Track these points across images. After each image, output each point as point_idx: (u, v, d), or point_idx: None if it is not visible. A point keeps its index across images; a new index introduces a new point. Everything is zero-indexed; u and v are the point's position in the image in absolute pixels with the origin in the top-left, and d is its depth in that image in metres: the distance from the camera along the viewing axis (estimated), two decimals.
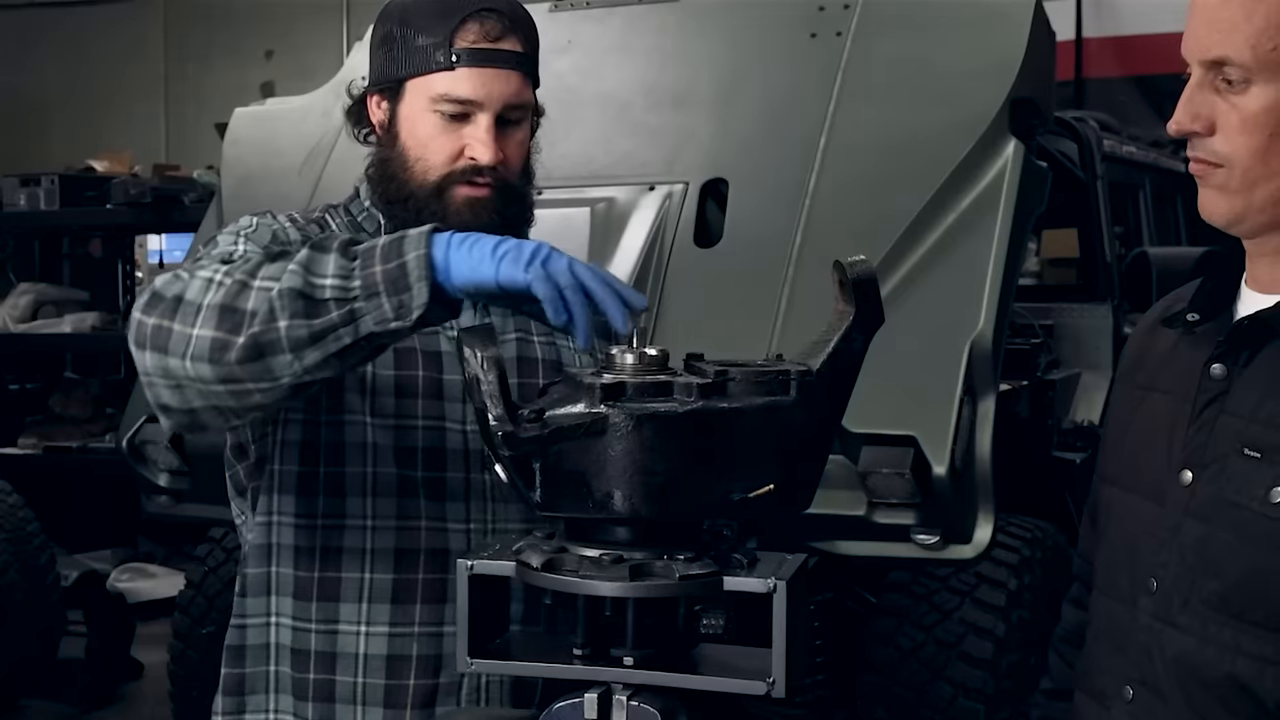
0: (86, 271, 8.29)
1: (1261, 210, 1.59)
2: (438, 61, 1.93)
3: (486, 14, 1.94)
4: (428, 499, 1.95)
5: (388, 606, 1.94)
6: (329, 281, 1.61)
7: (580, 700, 1.44)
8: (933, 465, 3.40)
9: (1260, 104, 1.56)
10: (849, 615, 4.19)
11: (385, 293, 1.60)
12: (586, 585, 1.42)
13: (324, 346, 1.62)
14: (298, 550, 1.96)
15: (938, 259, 3.66)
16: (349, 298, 1.60)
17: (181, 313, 1.65)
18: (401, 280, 1.59)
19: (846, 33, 4.06)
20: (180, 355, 1.65)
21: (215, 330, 1.63)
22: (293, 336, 1.61)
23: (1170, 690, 1.61)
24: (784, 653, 1.41)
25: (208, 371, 1.64)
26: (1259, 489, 1.55)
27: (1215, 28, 1.57)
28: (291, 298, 1.60)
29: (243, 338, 1.62)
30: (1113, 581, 1.74)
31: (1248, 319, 1.63)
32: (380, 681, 1.94)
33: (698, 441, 1.42)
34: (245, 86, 11.24)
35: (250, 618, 1.99)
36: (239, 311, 1.62)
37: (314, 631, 1.95)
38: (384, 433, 1.93)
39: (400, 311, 1.60)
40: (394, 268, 1.60)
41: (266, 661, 1.98)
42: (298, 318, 1.60)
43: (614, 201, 4.06)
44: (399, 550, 1.95)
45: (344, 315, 1.61)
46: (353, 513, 1.94)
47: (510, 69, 1.95)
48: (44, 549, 5.89)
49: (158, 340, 1.67)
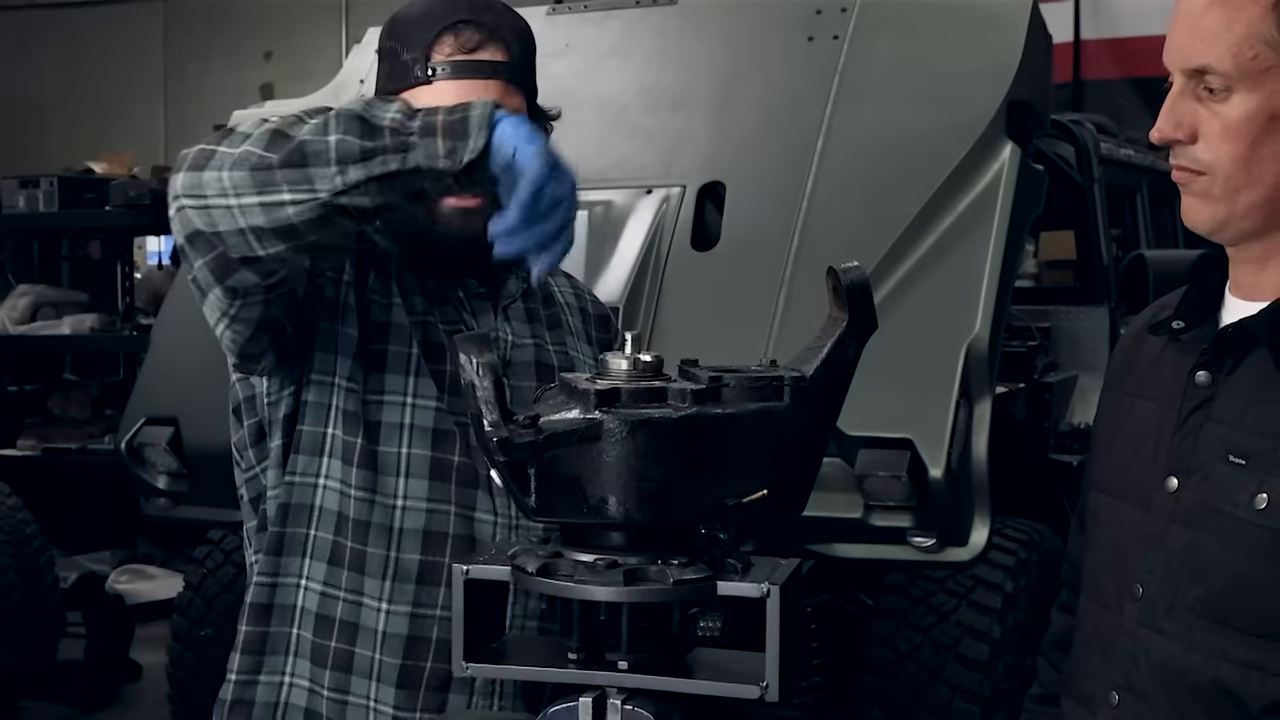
0: (85, 273, 8.29)
1: (1244, 217, 1.60)
2: (416, 76, 1.93)
3: (464, 25, 1.93)
4: (459, 486, 1.95)
5: (412, 587, 1.93)
6: (390, 115, 1.63)
7: (575, 704, 1.45)
8: (929, 468, 3.41)
9: (1241, 112, 1.56)
10: (846, 617, 4.20)
11: (442, 135, 1.61)
12: (581, 590, 1.43)
13: (369, 167, 1.61)
14: (340, 517, 1.94)
15: (934, 262, 3.67)
16: (406, 131, 1.62)
17: (229, 139, 1.67)
18: (461, 126, 1.61)
19: (843, 36, 4.08)
20: (219, 167, 1.66)
21: (259, 148, 1.64)
22: (342, 150, 1.61)
23: (1155, 696, 1.62)
24: (777, 657, 1.42)
25: (243, 178, 1.64)
26: (1243, 495, 1.55)
27: (1197, 36, 1.58)
28: (348, 119, 1.62)
29: (288, 147, 1.62)
30: (1099, 587, 1.74)
31: (1232, 327, 1.64)
32: (397, 661, 1.93)
33: (691, 447, 1.43)
34: (244, 88, 11.26)
35: (282, 577, 1.97)
36: (288, 138, 1.64)
37: (341, 600, 1.94)
38: (424, 415, 1.93)
39: (452, 153, 1.60)
40: (457, 118, 1.62)
41: (291, 624, 1.96)
42: (351, 134, 1.61)
43: (611, 205, 4.07)
44: (427, 532, 1.94)
45: (397, 143, 1.61)
46: (384, 490, 1.93)
47: (489, 79, 1.94)
48: (43, 550, 5.89)
49: (199, 160, 1.68)
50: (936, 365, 3.49)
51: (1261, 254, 1.64)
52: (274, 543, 1.97)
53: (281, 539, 1.97)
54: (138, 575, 7.14)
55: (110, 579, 6.88)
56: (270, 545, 1.97)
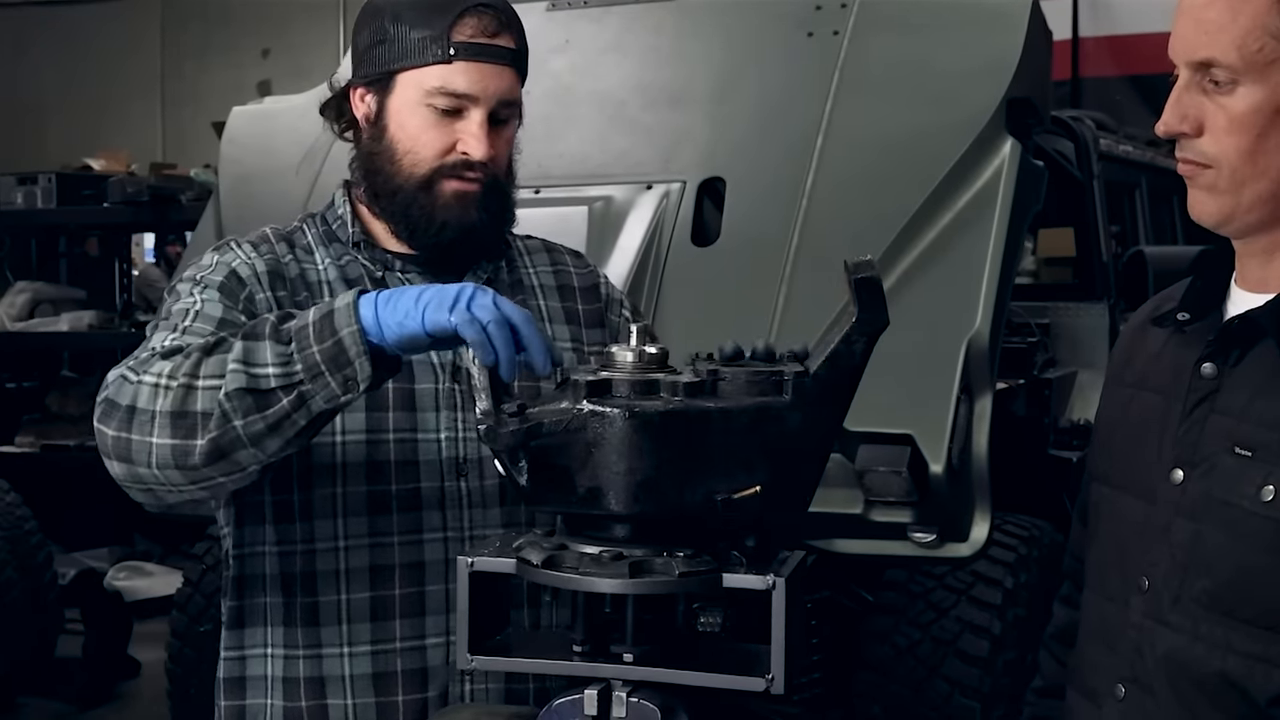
0: (83, 270, 8.31)
1: (1250, 210, 1.60)
2: (434, 54, 1.93)
3: (483, 9, 1.95)
4: (401, 512, 1.94)
5: (368, 625, 1.93)
6: (270, 370, 1.66)
7: (580, 696, 1.45)
8: (929, 464, 3.40)
9: (1247, 104, 1.57)
10: (845, 613, 4.20)
11: (328, 370, 1.65)
12: (586, 582, 1.43)
13: (282, 433, 1.67)
14: (284, 578, 1.95)
15: (934, 258, 3.67)
16: (294, 382, 1.65)
17: (137, 422, 1.70)
18: (341, 356, 1.64)
19: (843, 32, 4.07)
20: (146, 464, 1.70)
21: (172, 438, 1.68)
22: (250, 433, 1.66)
23: (1161, 688, 1.62)
24: (783, 650, 1.42)
25: (177, 476, 1.70)
26: (1250, 487, 1.55)
27: (1202, 29, 1.58)
28: (240, 397, 1.65)
29: (201, 441, 1.67)
30: (1104, 580, 1.74)
31: (1238, 318, 1.64)
32: (370, 700, 1.93)
33: (677, 440, 1.43)
34: (242, 85, 11.25)
35: (249, 649, 1.98)
36: (190, 415, 1.67)
37: (301, 658, 1.94)
38: (355, 449, 1.93)
39: (348, 386, 1.66)
40: (331, 345, 1.65)
41: (265, 694, 1.97)
42: (251, 414, 1.66)
43: (611, 200, 4.06)
44: (374, 567, 1.94)
45: (294, 401, 1.66)
46: (324, 535, 1.93)
47: (505, 65, 1.96)
48: (41, 547, 5.88)
49: (120, 451, 1.72)
50: (937, 361, 3.48)
51: (1268, 246, 1.64)
52: (234, 615, 1.99)
53: (240, 611, 1.98)
54: (136, 572, 7.15)
55: (109, 575, 6.88)
56: (230, 617, 1.99)
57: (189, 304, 1.90)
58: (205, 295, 1.91)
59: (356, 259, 2.03)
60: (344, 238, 2.04)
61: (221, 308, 1.89)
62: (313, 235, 2.05)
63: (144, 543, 7.69)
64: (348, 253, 2.03)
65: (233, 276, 1.94)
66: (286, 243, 2.03)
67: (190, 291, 1.92)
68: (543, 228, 2.10)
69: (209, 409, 1.66)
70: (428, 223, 1.97)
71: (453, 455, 1.96)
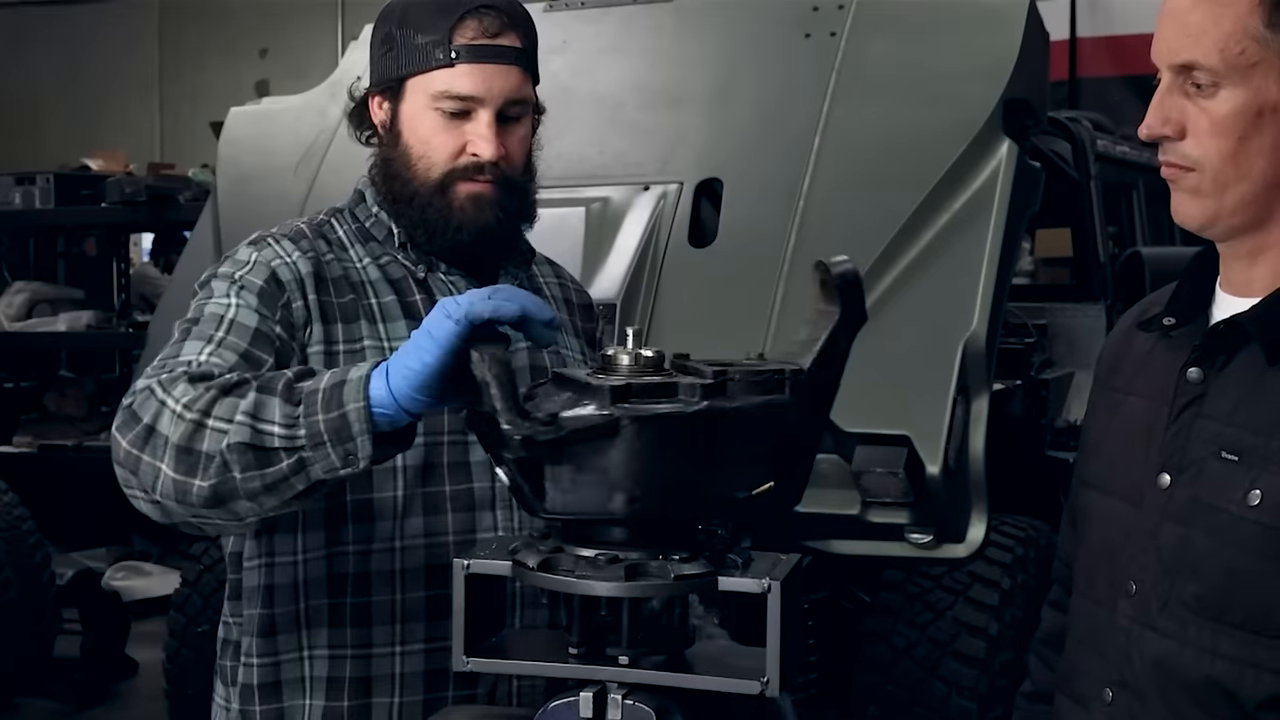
0: (81, 270, 8.30)
1: (1233, 213, 1.60)
2: (437, 59, 1.93)
3: (485, 10, 1.94)
4: (455, 512, 1.95)
5: (422, 624, 1.93)
6: (276, 430, 1.63)
7: (575, 699, 1.45)
8: (926, 464, 3.41)
9: (1229, 107, 1.56)
10: (842, 614, 4.20)
11: (330, 442, 1.62)
12: (582, 585, 1.43)
13: (279, 493, 1.65)
14: (331, 580, 1.93)
15: (931, 259, 3.67)
16: (295, 446, 1.63)
17: (151, 444, 1.68)
18: (344, 431, 1.61)
19: (841, 33, 4.08)
20: (151, 488, 1.69)
21: (175, 472, 1.66)
22: (247, 488, 1.65)
23: (1150, 693, 1.62)
24: (778, 652, 1.42)
25: (177, 508, 1.69)
26: (1236, 492, 1.55)
27: (1184, 32, 1.58)
28: (241, 451, 1.63)
29: (202, 482, 1.65)
30: (1092, 584, 1.74)
31: (1223, 323, 1.64)
32: (419, 698, 1.93)
33: (704, 441, 1.43)
34: (240, 85, 11.27)
35: (284, 654, 1.96)
36: (195, 453, 1.65)
37: (349, 658, 1.93)
38: (413, 454, 1.90)
39: (348, 460, 1.63)
40: (336, 417, 1.61)
41: (304, 695, 1.95)
42: (250, 470, 1.64)
43: (609, 201, 4.07)
44: (429, 567, 1.93)
45: (293, 465, 1.63)
46: (381, 536, 1.93)
47: (510, 64, 1.95)
48: (39, 547, 5.88)
49: (131, 465, 1.70)
50: (934, 362, 3.49)
51: (1252, 249, 1.63)
52: (264, 623, 1.96)
53: (272, 619, 1.96)
54: (134, 572, 7.15)
55: (106, 575, 6.88)
56: (260, 626, 1.96)
57: (223, 307, 1.87)
58: (241, 300, 1.88)
59: (396, 259, 2.01)
60: (379, 236, 2.03)
61: (257, 317, 1.86)
62: (344, 231, 2.03)
63: (142, 543, 7.69)
64: (386, 252, 2.02)
65: (272, 280, 1.91)
66: (323, 239, 2.00)
67: (226, 292, 1.89)
68: (540, 229, 2.09)
69: (213, 452, 1.64)
70: (444, 225, 1.96)
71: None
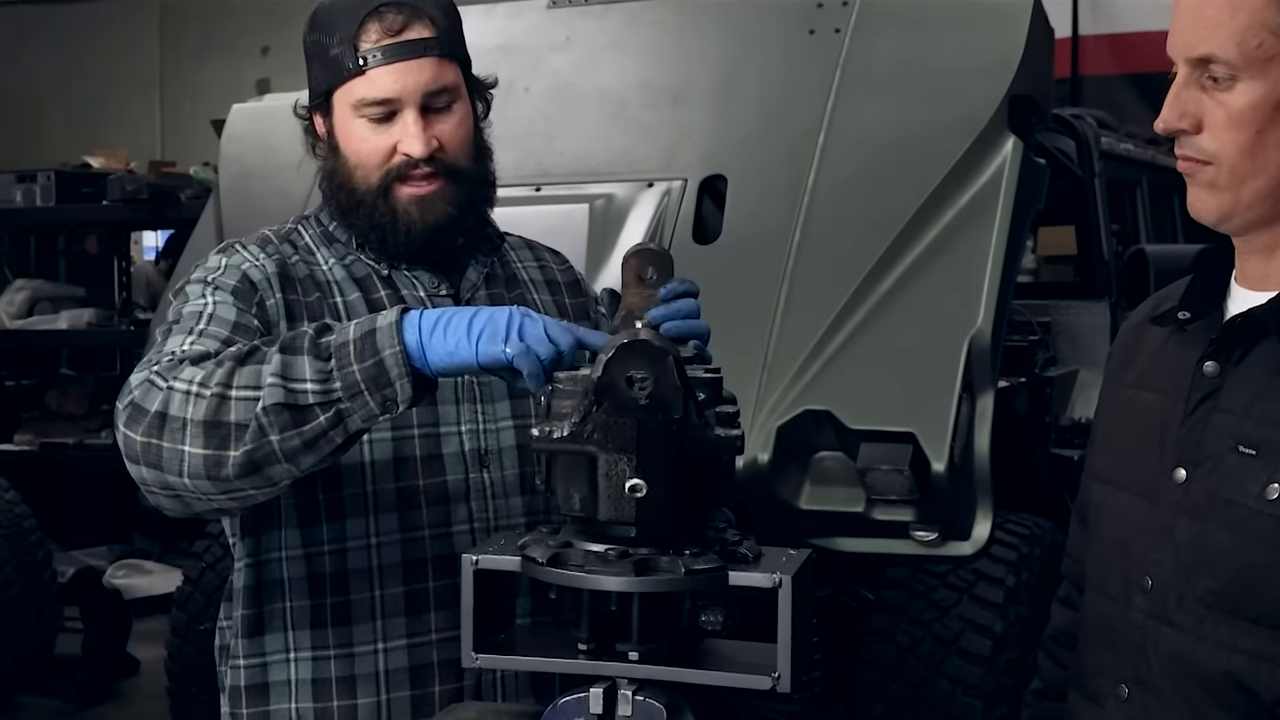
0: (82, 268, 8.29)
1: (1250, 207, 1.59)
2: (348, 68, 1.92)
3: (386, 8, 1.92)
4: (429, 506, 1.95)
5: (403, 620, 1.93)
6: (309, 386, 1.64)
7: (585, 695, 1.44)
8: (931, 462, 3.40)
9: (1246, 100, 1.56)
10: (847, 612, 4.19)
11: (368, 390, 1.64)
12: (592, 580, 1.43)
13: (318, 450, 1.66)
14: (310, 580, 1.94)
15: (936, 256, 3.66)
16: (332, 400, 1.64)
17: (169, 429, 1.67)
18: (382, 377, 1.63)
19: (845, 29, 4.07)
20: (177, 472, 1.68)
21: (205, 448, 1.65)
22: (286, 448, 1.65)
23: (1166, 688, 1.61)
24: (789, 647, 1.41)
25: (208, 486, 1.68)
26: (1254, 486, 1.55)
27: (1200, 25, 1.57)
28: (277, 412, 1.63)
29: (236, 452, 1.65)
30: (1106, 581, 1.73)
31: (1240, 316, 1.63)
32: (405, 694, 1.93)
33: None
34: (241, 83, 11.23)
35: (270, 655, 1.96)
36: (224, 425, 1.65)
37: (332, 658, 1.93)
38: (381, 447, 1.93)
39: (386, 406, 1.65)
40: (372, 365, 1.63)
41: (290, 699, 1.95)
42: (288, 429, 1.64)
43: (613, 198, 4.06)
44: (406, 562, 1.94)
45: (331, 418, 1.64)
46: (355, 533, 1.93)
47: (421, 56, 1.92)
48: (40, 545, 5.87)
49: (150, 457, 1.69)
50: (939, 359, 3.48)
51: (1268, 243, 1.63)
52: (249, 624, 1.97)
53: (258, 619, 1.96)
54: (135, 570, 7.14)
55: (108, 574, 6.87)
56: (246, 626, 1.97)
57: (200, 305, 1.88)
58: (217, 297, 1.89)
59: (360, 258, 2.02)
60: (342, 239, 2.04)
61: (235, 310, 1.87)
62: (310, 236, 2.05)
63: (143, 540, 7.69)
64: (351, 252, 2.02)
65: (245, 280, 1.92)
66: (289, 244, 2.02)
67: (201, 294, 1.90)
68: (544, 225, 2.10)
69: (244, 420, 1.64)
70: (394, 230, 1.96)
71: (475, 447, 1.97)
